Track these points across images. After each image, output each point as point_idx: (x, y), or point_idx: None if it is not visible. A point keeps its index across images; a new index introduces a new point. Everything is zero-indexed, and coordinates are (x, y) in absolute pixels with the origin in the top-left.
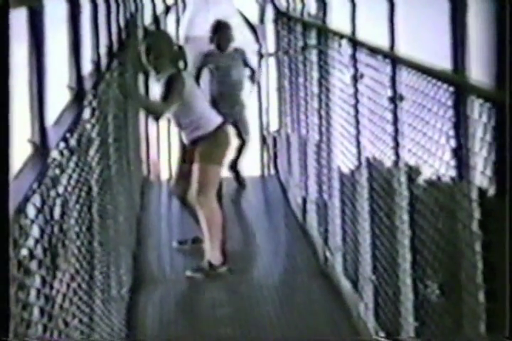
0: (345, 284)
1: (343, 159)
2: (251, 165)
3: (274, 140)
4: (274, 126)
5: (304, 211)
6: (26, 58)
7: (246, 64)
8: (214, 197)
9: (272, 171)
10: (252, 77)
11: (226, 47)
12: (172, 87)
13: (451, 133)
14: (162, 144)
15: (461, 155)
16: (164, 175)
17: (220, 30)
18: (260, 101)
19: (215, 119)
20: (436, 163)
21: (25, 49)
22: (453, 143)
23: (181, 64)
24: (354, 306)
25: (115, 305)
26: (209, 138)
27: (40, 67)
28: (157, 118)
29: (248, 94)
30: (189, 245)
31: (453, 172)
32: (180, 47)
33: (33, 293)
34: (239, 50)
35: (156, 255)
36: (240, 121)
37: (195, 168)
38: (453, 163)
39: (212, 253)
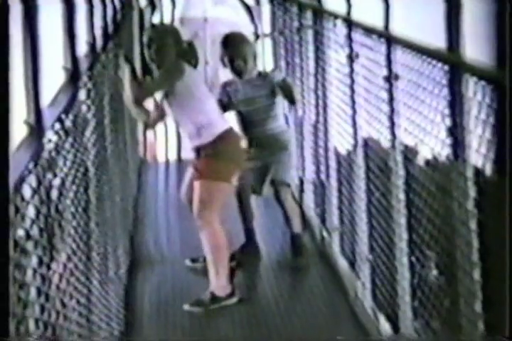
0: (343, 264)
1: (340, 139)
2: None
3: None
4: None
5: (301, 191)
6: (21, 39)
7: (282, 94)
8: (216, 217)
9: None
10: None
11: (244, 71)
12: (165, 71)
13: (447, 111)
14: (159, 125)
15: (456, 133)
16: (161, 157)
17: (232, 48)
18: None
19: (218, 126)
20: (431, 142)
21: (20, 30)
22: (448, 121)
23: (192, 61)
24: (351, 285)
25: (113, 287)
26: (210, 149)
27: (35, 48)
28: (137, 101)
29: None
30: (201, 263)
31: (448, 151)
32: (190, 44)
33: (29, 273)
34: (263, 74)
35: (153, 236)
36: (275, 164)
37: (196, 183)
38: (448, 141)
39: (216, 282)
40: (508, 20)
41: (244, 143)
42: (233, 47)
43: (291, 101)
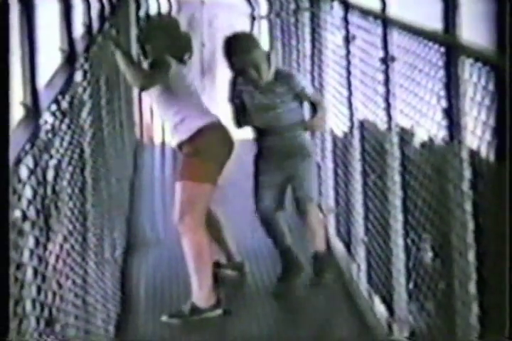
0: (338, 246)
1: (336, 121)
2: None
3: None
4: None
5: None
6: (17, 21)
7: (301, 97)
8: (200, 223)
9: None
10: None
11: (259, 80)
12: (154, 68)
13: (442, 93)
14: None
15: (452, 115)
16: (157, 139)
17: (239, 57)
18: None
19: (196, 121)
20: (427, 124)
21: (16, 12)
22: (444, 103)
23: (183, 56)
24: (346, 267)
25: (109, 268)
26: (189, 147)
27: (32, 29)
28: (144, 87)
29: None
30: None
31: (444, 133)
32: (185, 38)
33: (26, 253)
34: (283, 75)
35: (150, 218)
36: (295, 179)
37: (176, 185)
38: (444, 123)
39: (198, 292)
40: (509, 3)
41: (232, 138)
42: (241, 55)
43: (314, 109)
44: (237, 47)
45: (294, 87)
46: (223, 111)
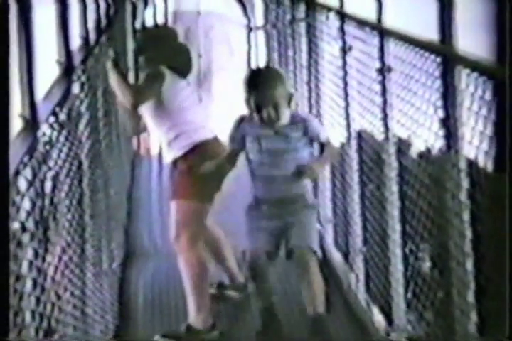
0: (336, 256)
1: (333, 131)
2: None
3: None
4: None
5: None
6: (15, 34)
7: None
8: (195, 242)
9: None
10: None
11: (275, 121)
12: (147, 80)
13: (439, 103)
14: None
15: (449, 125)
16: (154, 150)
17: (261, 92)
18: None
19: (192, 137)
20: (424, 134)
21: (14, 24)
22: (441, 113)
23: (180, 69)
24: (345, 278)
25: (107, 280)
26: (183, 164)
27: (29, 41)
28: (135, 105)
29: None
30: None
31: (441, 143)
32: (183, 50)
33: (25, 265)
34: (299, 119)
35: (147, 229)
36: (294, 226)
37: (171, 204)
38: (441, 133)
39: (195, 314)
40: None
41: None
42: (263, 90)
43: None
44: (262, 81)
45: (310, 133)
46: (220, 124)
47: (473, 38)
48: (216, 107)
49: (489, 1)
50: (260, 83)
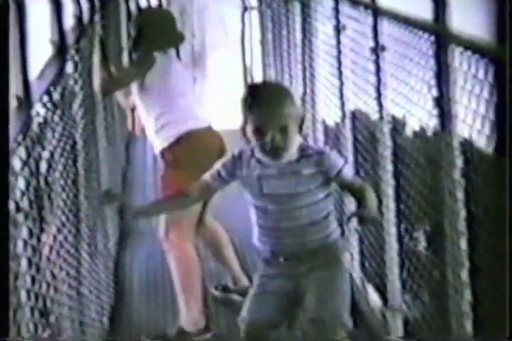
0: None
1: (327, 111)
2: (233, 119)
3: None
4: (258, 79)
5: None
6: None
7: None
8: (186, 239)
9: None
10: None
11: (282, 151)
12: (134, 62)
13: (433, 82)
14: None
15: (442, 104)
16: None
17: (262, 111)
18: (244, 54)
19: (181, 125)
20: (419, 113)
21: (7, 3)
22: (435, 92)
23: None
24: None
25: (102, 260)
26: (170, 155)
27: (22, 21)
28: (105, 92)
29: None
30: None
31: (435, 122)
32: (178, 33)
33: (20, 244)
34: (312, 152)
35: None
36: (313, 294)
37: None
38: (435, 112)
39: (186, 315)
40: None
41: (223, 145)
42: (267, 108)
43: (362, 216)
44: (265, 96)
45: (327, 170)
46: (214, 107)
47: (469, 17)
48: (210, 88)
49: None
50: (263, 99)
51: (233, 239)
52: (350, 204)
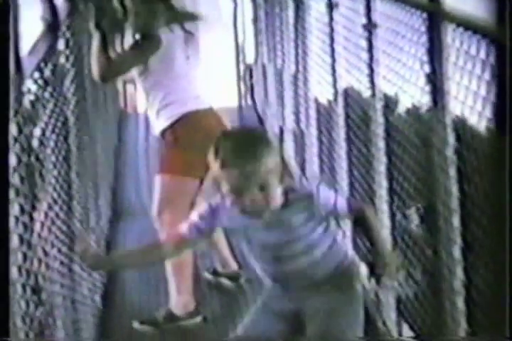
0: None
1: (320, 89)
2: (227, 96)
3: (251, 71)
4: (250, 57)
5: (281, 140)
6: None
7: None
8: (180, 220)
9: (249, 102)
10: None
11: (263, 210)
12: (137, 44)
13: (425, 58)
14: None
15: (435, 80)
16: (141, 108)
17: (237, 166)
18: (236, 32)
19: (183, 106)
20: (411, 90)
21: None
22: (427, 68)
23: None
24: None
25: (94, 237)
26: (170, 136)
27: None
28: (104, 78)
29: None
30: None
31: (428, 99)
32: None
33: (11, 220)
34: (300, 197)
35: (135, 188)
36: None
37: (156, 179)
38: (427, 88)
39: (176, 297)
40: None
41: (225, 127)
42: (243, 167)
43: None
44: (240, 152)
45: (319, 211)
46: (210, 86)
47: None
48: (204, 66)
49: None
50: (237, 158)
51: None
52: None
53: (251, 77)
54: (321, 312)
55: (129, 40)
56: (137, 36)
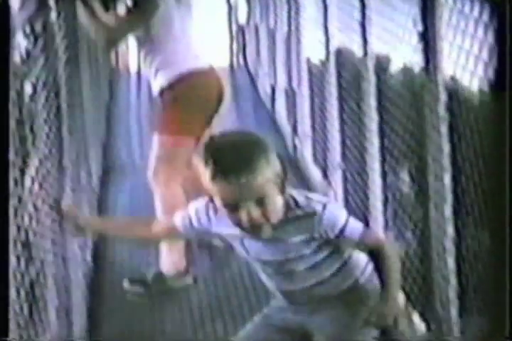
0: (315, 172)
1: (312, 49)
2: (220, 56)
3: (243, 31)
4: (242, 17)
5: (273, 99)
6: None
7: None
8: (175, 179)
9: (241, 61)
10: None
11: (264, 223)
12: (138, 8)
13: (418, 17)
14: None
15: (427, 38)
16: (133, 67)
17: (230, 179)
18: None
19: (182, 65)
20: (403, 49)
21: None
22: (420, 26)
23: None
24: (323, 194)
25: (85, 195)
26: (169, 94)
27: None
28: (109, 46)
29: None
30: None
31: (420, 57)
32: None
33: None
34: (304, 215)
35: (126, 146)
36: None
37: (154, 138)
38: (420, 46)
39: (166, 257)
40: None
41: (222, 88)
42: (234, 182)
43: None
44: (232, 166)
45: (322, 234)
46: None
47: None
48: (196, 27)
49: None
50: (229, 169)
51: None
52: None
53: (243, 37)
54: (328, 327)
55: (123, 6)
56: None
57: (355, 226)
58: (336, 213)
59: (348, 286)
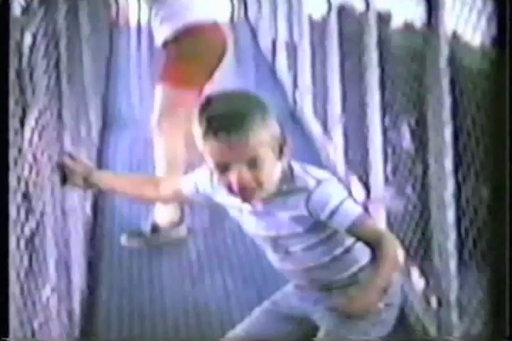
0: (315, 126)
1: (314, 3)
2: (220, 10)
3: None
4: None
5: (274, 54)
6: None
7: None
8: (178, 129)
9: (242, 15)
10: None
11: (255, 188)
12: None
13: None
14: None
15: None
16: (133, 21)
17: (222, 135)
18: None
19: (186, 17)
20: (405, 4)
21: None
22: None
23: None
24: (324, 148)
25: (85, 148)
26: (173, 46)
27: None
28: None
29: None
30: None
31: (422, 11)
32: None
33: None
34: (295, 188)
35: (126, 98)
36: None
37: (156, 89)
38: (422, 2)
39: (162, 208)
40: None
41: (226, 41)
42: (224, 140)
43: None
44: (224, 122)
45: (313, 213)
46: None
47: None
48: None
49: None
50: (221, 126)
51: None
52: None
53: None
54: (334, 315)
55: None
56: None
57: (351, 210)
58: (329, 192)
59: (350, 276)
